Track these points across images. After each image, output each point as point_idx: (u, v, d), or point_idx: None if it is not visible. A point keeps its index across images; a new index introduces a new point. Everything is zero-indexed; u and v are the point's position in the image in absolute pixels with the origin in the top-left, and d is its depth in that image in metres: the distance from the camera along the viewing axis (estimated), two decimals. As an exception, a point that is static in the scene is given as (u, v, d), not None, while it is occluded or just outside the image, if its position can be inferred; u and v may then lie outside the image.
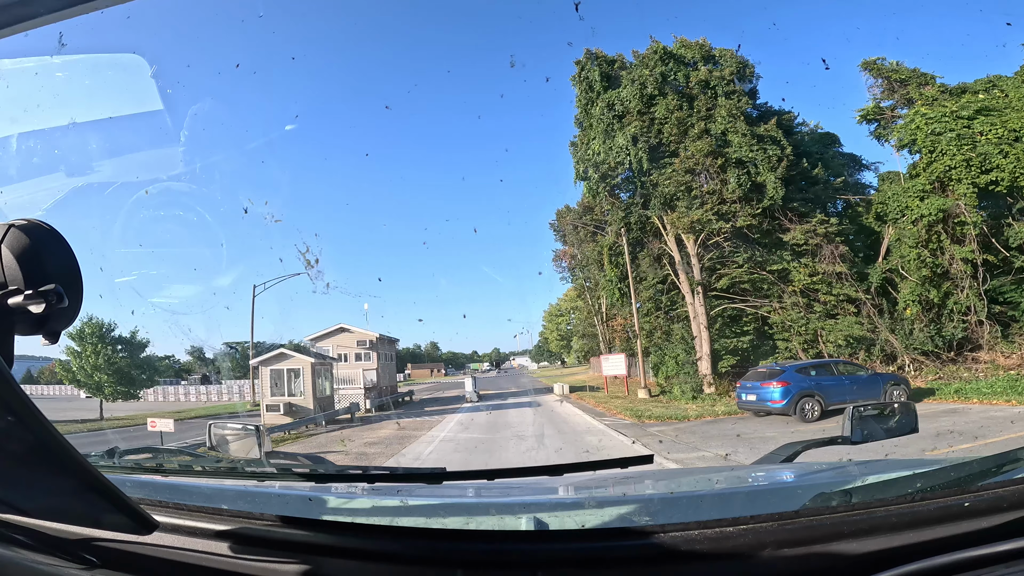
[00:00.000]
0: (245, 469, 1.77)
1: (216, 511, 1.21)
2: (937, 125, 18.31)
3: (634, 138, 21.15)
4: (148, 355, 23.66)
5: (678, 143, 20.31)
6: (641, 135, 21.19)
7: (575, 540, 1.11)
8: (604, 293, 29.61)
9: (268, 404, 17.06)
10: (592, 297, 35.89)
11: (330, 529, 1.20)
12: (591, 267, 32.99)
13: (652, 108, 22.26)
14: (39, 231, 0.88)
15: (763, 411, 12.67)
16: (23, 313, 0.80)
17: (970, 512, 1.00)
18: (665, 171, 20.06)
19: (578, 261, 37.39)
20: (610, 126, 22.72)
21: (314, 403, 17.28)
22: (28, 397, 0.69)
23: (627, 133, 21.54)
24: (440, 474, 1.43)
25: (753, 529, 1.00)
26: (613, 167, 21.47)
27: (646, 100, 22.51)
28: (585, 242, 33.74)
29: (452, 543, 1.15)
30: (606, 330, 35.04)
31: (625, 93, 23.03)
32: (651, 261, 24.39)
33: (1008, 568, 0.89)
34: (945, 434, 8.57)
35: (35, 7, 1.18)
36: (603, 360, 25.35)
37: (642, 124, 21.59)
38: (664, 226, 22.63)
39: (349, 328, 23.54)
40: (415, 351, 66.50)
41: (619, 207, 24.92)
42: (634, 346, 26.31)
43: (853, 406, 2.05)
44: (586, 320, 39.56)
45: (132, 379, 22.49)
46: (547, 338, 53.22)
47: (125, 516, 0.89)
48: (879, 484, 1.48)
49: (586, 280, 36.83)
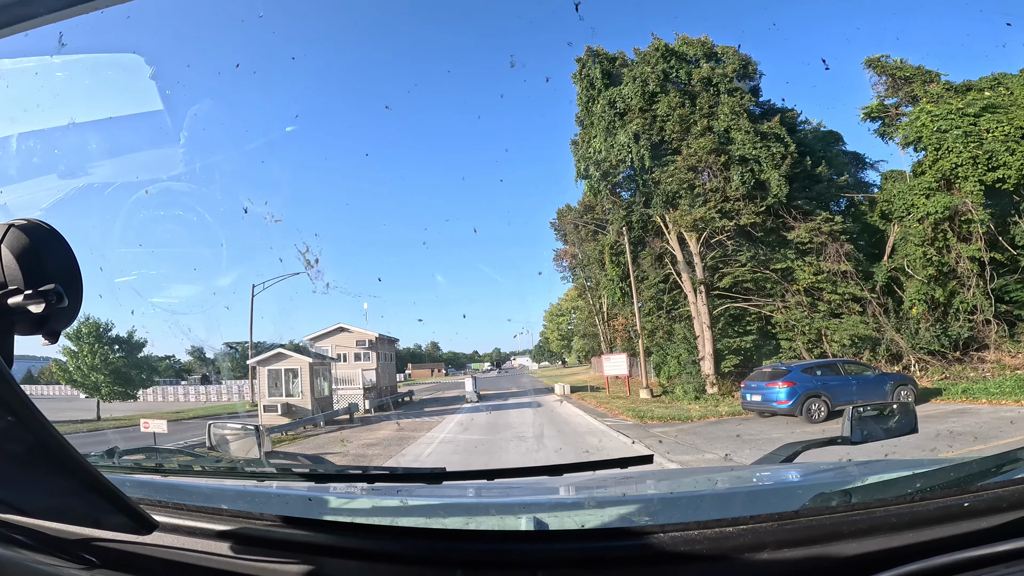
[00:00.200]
0: (245, 469, 1.77)
1: (216, 511, 1.21)
2: (943, 122, 18.08)
3: (636, 135, 20.94)
4: (146, 355, 23.50)
5: (680, 140, 20.10)
6: (643, 132, 20.98)
7: (575, 540, 1.11)
8: (605, 292, 29.44)
9: (266, 404, 16.85)
10: (593, 297, 35.79)
11: (330, 529, 1.20)
12: (592, 266, 32.85)
13: (654, 105, 22.06)
14: (39, 231, 0.88)
15: (768, 412, 12.46)
16: (23, 313, 0.80)
17: (970, 512, 1.00)
18: (667, 169, 19.83)
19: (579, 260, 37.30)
20: (611, 124, 22.52)
21: (312, 403, 17.07)
22: (28, 397, 0.68)
23: (629, 131, 21.34)
24: (440, 474, 1.42)
25: (753, 529, 1.00)
26: (615, 165, 21.25)
27: (648, 97, 22.32)
28: (586, 241, 33.60)
29: (452, 543, 1.15)
30: (607, 330, 34.90)
31: (627, 90, 22.84)
32: (653, 260, 24.21)
33: (1008, 568, 0.89)
34: (957, 435, 8.35)
35: (35, 7, 1.18)
36: (604, 360, 25.14)
37: (644, 121, 21.38)
38: (666, 225, 22.43)
39: (348, 328, 23.34)
40: (416, 351, 66.70)
41: (620, 206, 24.77)
42: (635, 346, 26.13)
43: (852, 406, 2.06)
44: (587, 320, 39.48)
45: (129, 379, 22.32)
46: (548, 338, 53.26)
47: (125, 516, 0.89)
48: (879, 484, 1.47)
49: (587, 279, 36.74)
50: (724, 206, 18.42)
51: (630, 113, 22.26)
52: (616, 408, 17.51)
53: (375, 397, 21.82)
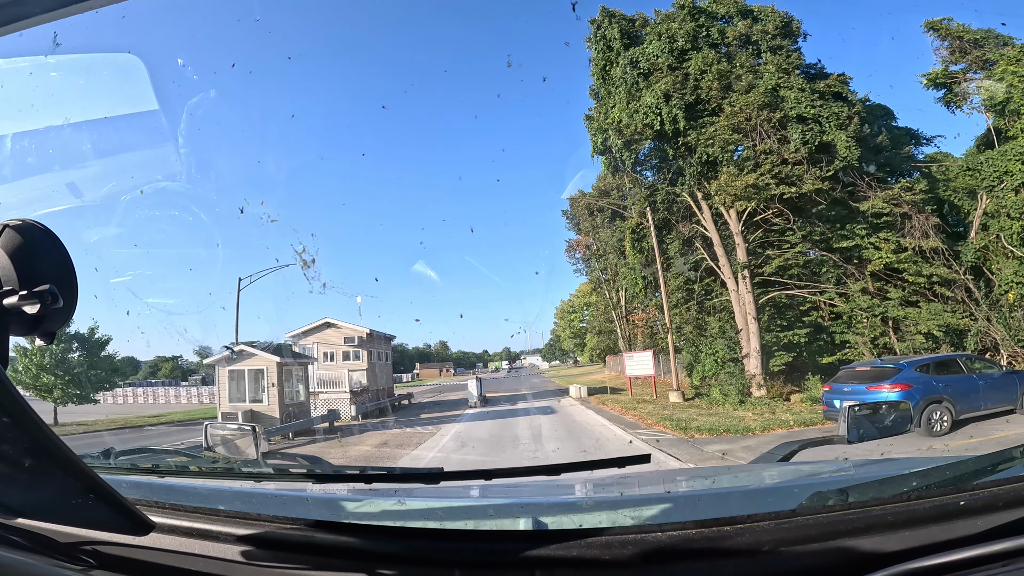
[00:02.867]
0: (242, 470, 1.77)
1: (213, 512, 1.21)
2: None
3: (666, 95, 17.87)
4: (109, 354, 20.79)
5: (721, 99, 16.96)
6: (674, 91, 17.90)
7: (573, 540, 1.06)
8: (625, 283, 26.78)
9: (225, 412, 13.96)
10: (610, 290, 33.23)
11: (327, 529, 1.15)
12: (609, 255, 30.37)
13: (685, 63, 19.06)
14: (33, 231, 0.86)
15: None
16: (18, 314, 0.79)
17: (965, 511, 0.99)
18: (706, 131, 16.68)
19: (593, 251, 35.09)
20: (635, 85, 19.51)
21: (280, 411, 14.19)
22: (23, 399, 0.68)
23: (657, 90, 18.27)
24: (438, 474, 1.41)
25: (750, 528, 1.01)
26: (640, 130, 18.14)
27: (677, 54, 19.35)
28: (602, 228, 31.16)
29: (450, 543, 1.15)
30: (626, 326, 32.14)
31: (651, 48, 19.90)
32: (680, 245, 21.28)
33: (1004, 567, 0.89)
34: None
35: (29, 7, 1.18)
36: (626, 358, 22.10)
37: (674, 80, 18.31)
38: (697, 203, 19.40)
39: (336, 323, 20.51)
40: (425, 350, 66.18)
41: (643, 184, 21.91)
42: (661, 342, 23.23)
43: (849, 405, 2.05)
44: (602, 315, 37.14)
45: (87, 381, 19.59)
46: (559, 336, 51.55)
47: (122, 517, 0.88)
48: (875, 483, 1.38)
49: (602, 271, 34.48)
50: (782, 170, 15.15)
51: (657, 73, 19.26)
52: (647, 416, 14.48)
53: (365, 402, 18.92)
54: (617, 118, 19.83)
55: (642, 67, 19.79)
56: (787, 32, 20.10)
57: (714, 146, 16.28)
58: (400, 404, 22.99)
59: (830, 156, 15.04)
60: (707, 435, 11.17)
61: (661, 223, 21.63)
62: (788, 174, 15.17)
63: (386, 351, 23.76)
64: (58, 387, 18.81)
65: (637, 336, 29.90)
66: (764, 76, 17.82)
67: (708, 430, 11.49)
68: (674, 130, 17.46)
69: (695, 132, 16.97)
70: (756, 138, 15.74)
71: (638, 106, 19.15)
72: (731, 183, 15.49)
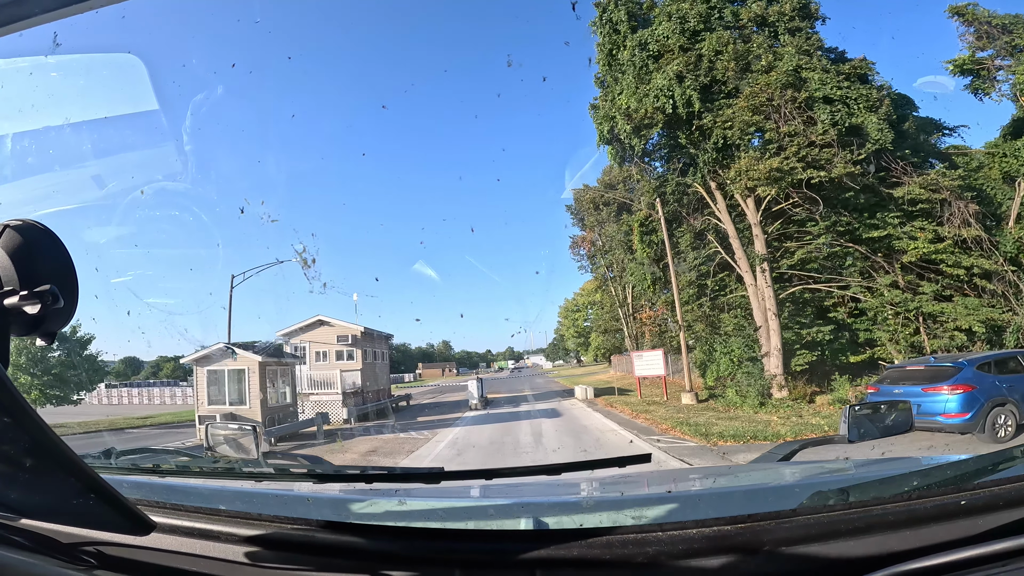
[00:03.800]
0: (242, 470, 1.74)
1: (214, 512, 1.20)
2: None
3: (679, 76, 16.73)
4: (91, 353, 19.78)
5: (739, 79, 15.82)
6: (687, 72, 16.76)
7: (573, 540, 1.05)
8: (633, 279, 25.72)
9: (202, 415, 12.88)
10: (616, 287, 32.15)
11: (329, 529, 1.14)
12: (616, 251, 29.27)
13: (697, 45, 17.96)
14: (34, 231, 0.86)
15: (926, 428, 8.15)
16: (18, 314, 0.78)
17: (966, 510, 0.98)
18: (723, 113, 15.53)
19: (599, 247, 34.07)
20: (644, 68, 18.42)
21: (263, 414, 13.10)
22: (24, 399, 0.68)
23: (668, 72, 17.15)
24: (438, 474, 1.39)
25: (751, 528, 1.00)
26: (650, 114, 17.00)
27: (689, 35, 18.25)
28: (608, 223, 30.07)
29: (450, 543, 1.13)
30: (633, 324, 31.05)
31: (661, 29, 18.79)
32: (692, 238, 20.16)
33: (1005, 566, 0.88)
34: None
35: (29, 7, 1.16)
36: (635, 358, 20.97)
37: (687, 60, 17.19)
38: (711, 194, 18.29)
39: (329, 321, 19.43)
40: (428, 350, 65.55)
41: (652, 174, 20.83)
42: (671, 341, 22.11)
43: (849, 405, 2.06)
44: (608, 314, 36.05)
45: (65, 381, 18.58)
46: (563, 335, 50.64)
47: (123, 517, 0.87)
48: (876, 483, 1.37)
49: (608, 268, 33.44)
50: (809, 153, 13.98)
51: (668, 55, 18.15)
52: (661, 420, 13.37)
53: (358, 404, 17.84)
54: (625, 104, 18.74)
55: (652, 49, 18.70)
56: (805, 14, 19.01)
57: (733, 129, 15.13)
58: (398, 406, 21.91)
59: (860, 139, 13.87)
60: (731, 442, 10.04)
61: (671, 215, 20.55)
62: (816, 157, 14.01)
63: (383, 350, 22.69)
64: (36, 387, 17.80)
65: (645, 334, 28.82)
66: (784, 57, 16.75)
67: (732, 436, 10.36)
68: (688, 113, 16.34)
69: (711, 115, 15.84)
70: (779, 120, 14.57)
71: (648, 89, 18.05)
72: (753, 167, 14.32)
